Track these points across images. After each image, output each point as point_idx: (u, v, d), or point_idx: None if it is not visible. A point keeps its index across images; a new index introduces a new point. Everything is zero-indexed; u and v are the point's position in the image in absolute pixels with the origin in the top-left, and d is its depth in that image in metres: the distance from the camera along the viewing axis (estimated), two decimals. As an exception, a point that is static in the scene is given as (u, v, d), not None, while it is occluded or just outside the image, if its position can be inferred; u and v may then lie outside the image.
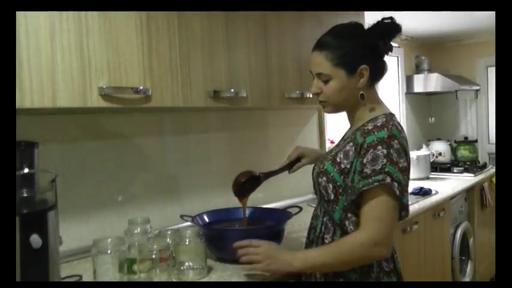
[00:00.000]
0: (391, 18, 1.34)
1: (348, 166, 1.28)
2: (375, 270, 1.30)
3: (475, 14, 3.30)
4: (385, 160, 1.21)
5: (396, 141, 1.24)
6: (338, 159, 1.32)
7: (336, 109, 1.40)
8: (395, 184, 1.21)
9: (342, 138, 1.45)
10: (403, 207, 1.27)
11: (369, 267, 1.29)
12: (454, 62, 4.48)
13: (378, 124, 1.28)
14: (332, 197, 1.31)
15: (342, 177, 1.29)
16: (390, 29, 1.34)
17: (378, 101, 1.40)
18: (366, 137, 1.26)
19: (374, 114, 1.34)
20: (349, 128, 1.44)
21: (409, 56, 4.22)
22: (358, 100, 1.34)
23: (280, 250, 1.34)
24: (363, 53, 1.32)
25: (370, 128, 1.28)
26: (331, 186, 1.31)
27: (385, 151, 1.22)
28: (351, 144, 1.30)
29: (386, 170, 1.21)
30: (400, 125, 1.32)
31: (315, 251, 1.32)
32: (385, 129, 1.25)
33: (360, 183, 1.23)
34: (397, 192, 1.21)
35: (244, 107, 2.12)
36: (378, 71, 1.36)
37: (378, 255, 1.25)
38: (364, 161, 1.24)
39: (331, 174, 1.31)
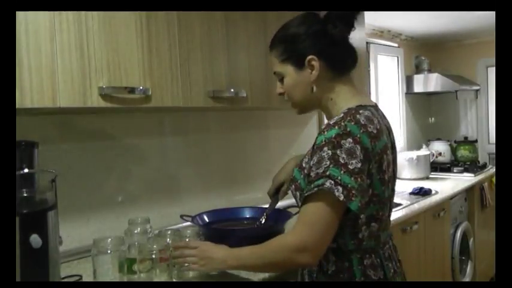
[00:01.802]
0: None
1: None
2: (357, 279, 1.18)
3: (475, 14, 3.30)
4: (328, 162, 1.08)
5: (350, 139, 1.09)
6: (304, 164, 1.20)
7: (302, 108, 1.30)
8: (340, 188, 1.06)
9: None
10: (356, 215, 1.14)
11: (349, 276, 1.18)
12: (454, 62, 4.48)
13: (331, 122, 1.13)
14: (300, 205, 1.18)
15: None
16: (344, 12, 1.21)
17: (348, 95, 1.24)
18: (317, 137, 1.14)
19: (341, 110, 1.19)
20: None
21: (409, 56, 4.22)
22: (325, 96, 1.24)
23: (216, 249, 1.27)
24: (309, 42, 1.20)
25: (324, 127, 1.15)
26: (298, 194, 1.20)
27: (330, 152, 1.08)
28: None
29: (328, 173, 1.07)
30: (369, 119, 1.15)
31: (248, 249, 1.20)
32: (337, 127, 1.11)
33: (306, 187, 1.12)
34: (341, 197, 1.06)
35: (244, 107, 2.12)
36: (335, 59, 1.22)
37: (301, 262, 1.11)
38: (311, 163, 1.12)
39: (298, 182, 1.20)
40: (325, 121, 1.22)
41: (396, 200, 2.67)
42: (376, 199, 1.17)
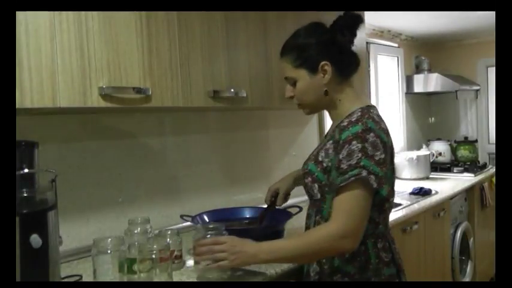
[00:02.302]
0: (350, 11, 1.35)
1: (329, 164, 1.29)
2: (372, 261, 1.30)
3: (475, 14, 3.30)
4: (360, 154, 1.21)
5: (372, 134, 1.23)
6: (320, 158, 1.33)
7: (312, 109, 1.44)
8: (372, 177, 1.20)
9: (325, 137, 1.47)
10: (384, 200, 1.28)
11: (366, 259, 1.30)
12: (454, 62, 4.48)
13: (353, 119, 1.28)
14: (319, 196, 1.33)
15: (326, 175, 1.30)
16: (350, 21, 1.34)
17: (353, 96, 1.38)
18: (342, 133, 1.27)
19: (351, 109, 1.34)
20: (331, 126, 1.46)
21: (409, 56, 4.22)
22: (334, 97, 1.36)
23: (245, 243, 1.29)
24: (321, 49, 1.33)
25: (345, 124, 1.28)
26: (316, 185, 1.33)
27: (359, 145, 1.22)
28: (331, 141, 1.32)
29: (361, 164, 1.20)
30: (379, 117, 1.32)
31: (281, 242, 1.29)
32: (360, 123, 1.25)
33: (338, 179, 1.23)
34: (375, 185, 1.21)
35: (244, 107, 2.12)
36: (343, 64, 1.36)
37: (345, 248, 1.22)
38: (340, 156, 1.24)
39: (315, 174, 1.33)
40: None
41: (396, 200, 2.67)
42: (386, 185, 1.30)
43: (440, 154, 3.85)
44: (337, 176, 1.24)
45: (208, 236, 1.37)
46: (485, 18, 3.42)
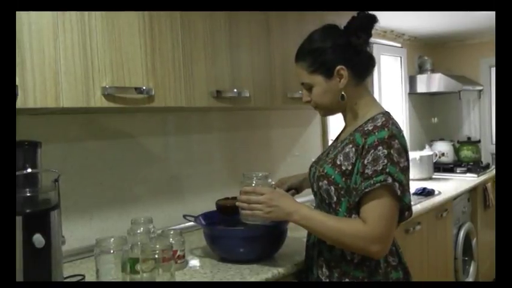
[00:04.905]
0: (364, 12, 1.33)
1: (350, 168, 1.27)
2: (382, 266, 1.29)
3: (477, 14, 3.29)
4: (386, 160, 1.20)
5: (396, 141, 1.23)
6: (338, 162, 1.30)
7: (329, 112, 1.45)
8: (397, 184, 1.20)
9: (339, 140, 1.43)
10: (405, 208, 1.27)
11: (376, 264, 1.29)
12: (457, 62, 4.47)
13: (378, 124, 1.26)
14: (335, 199, 1.30)
15: (344, 178, 1.28)
16: (364, 22, 1.33)
17: (370, 99, 1.38)
18: (367, 137, 1.25)
19: (371, 113, 1.33)
20: (344, 129, 1.44)
21: (412, 56, 4.21)
22: (350, 101, 1.34)
23: (283, 199, 1.33)
24: (336, 54, 1.31)
25: (370, 128, 1.26)
26: (333, 188, 1.30)
27: (385, 151, 1.21)
28: (351, 145, 1.29)
29: (387, 170, 1.20)
30: (398, 124, 1.31)
31: (319, 214, 1.30)
32: (386, 129, 1.24)
33: (362, 184, 1.22)
34: (398, 193, 1.21)
35: (247, 107, 2.12)
36: (360, 67, 1.34)
37: (375, 252, 1.23)
38: (365, 161, 1.23)
39: (332, 177, 1.30)
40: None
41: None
42: (407, 193, 1.30)
43: (443, 154, 3.84)
44: (361, 181, 1.23)
45: (254, 184, 1.41)
46: (488, 18, 3.41)
